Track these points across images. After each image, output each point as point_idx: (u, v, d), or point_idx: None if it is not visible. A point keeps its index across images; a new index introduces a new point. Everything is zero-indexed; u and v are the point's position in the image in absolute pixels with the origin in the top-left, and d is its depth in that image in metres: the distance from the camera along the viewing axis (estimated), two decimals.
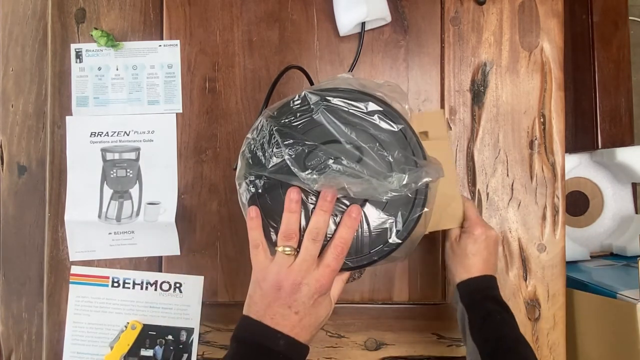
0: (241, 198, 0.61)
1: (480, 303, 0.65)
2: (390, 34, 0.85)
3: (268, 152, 0.60)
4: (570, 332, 0.97)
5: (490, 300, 0.66)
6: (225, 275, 0.84)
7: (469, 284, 0.67)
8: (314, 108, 0.60)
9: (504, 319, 0.65)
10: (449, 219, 0.71)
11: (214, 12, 0.86)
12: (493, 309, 0.65)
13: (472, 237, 0.68)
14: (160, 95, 0.85)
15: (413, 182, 0.57)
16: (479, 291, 0.67)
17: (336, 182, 0.57)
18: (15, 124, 0.91)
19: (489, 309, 0.65)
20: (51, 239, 0.85)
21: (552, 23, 0.85)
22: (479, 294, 0.66)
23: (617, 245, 1.21)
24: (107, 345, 0.84)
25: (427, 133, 0.71)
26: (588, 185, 1.26)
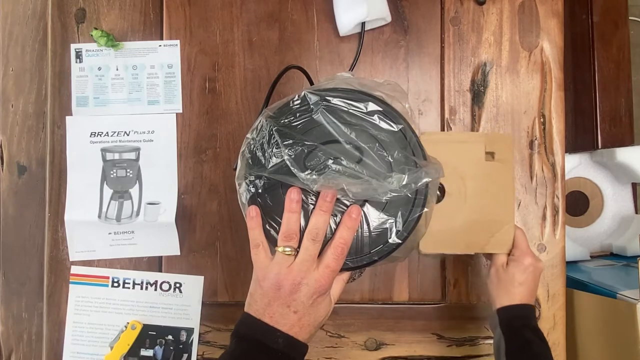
0: (241, 198, 0.61)
1: (519, 331, 0.66)
2: (390, 34, 0.85)
3: (268, 152, 0.60)
4: (570, 332, 0.97)
5: (529, 330, 0.66)
6: (225, 275, 0.84)
7: (509, 311, 0.67)
8: (313, 108, 0.60)
9: (543, 351, 0.65)
10: (498, 244, 0.70)
11: (214, 12, 0.86)
12: (532, 340, 0.65)
13: (522, 266, 0.68)
14: (160, 95, 0.85)
15: (413, 183, 0.57)
16: (519, 319, 0.67)
17: (336, 183, 0.57)
18: (15, 124, 0.91)
19: (528, 339, 0.65)
20: (51, 239, 0.85)
21: (552, 23, 0.85)
22: (518, 321, 0.66)
23: (617, 245, 1.21)
24: (107, 345, 0.84)
25: (494, 154, 0.72)
26: (588, 185, 1.26)
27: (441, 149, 0.68)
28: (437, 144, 0.69)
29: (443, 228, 0.70)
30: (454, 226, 0.70)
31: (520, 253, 0.69)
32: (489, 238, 0.70)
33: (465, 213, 0.70)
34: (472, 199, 0.70)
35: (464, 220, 0.70)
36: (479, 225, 0.70)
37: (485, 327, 0.83)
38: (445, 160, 0.66)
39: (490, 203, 0.71)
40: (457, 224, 0.70)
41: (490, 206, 0.71)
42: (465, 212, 0.70)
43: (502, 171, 0.72)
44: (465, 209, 0.70)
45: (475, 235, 0.70)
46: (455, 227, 0.70)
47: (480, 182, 0.70)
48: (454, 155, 0.70)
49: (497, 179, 0.71)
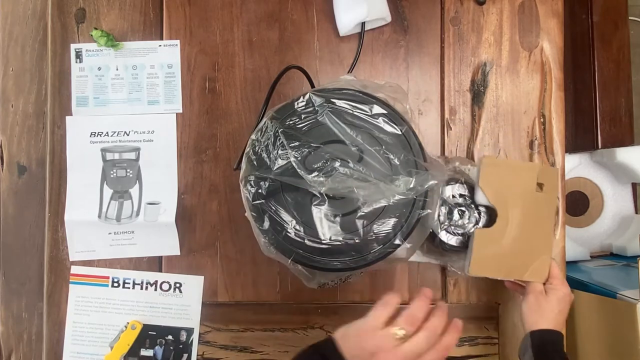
0: (246, 198, 0.61)
1: (550, 355, 0.68)
2: (390, 34, 0.85)
3: (273, 153, 0.60)
4: (570, 332, 0.97)
5: (559, 354, 0.69)
6: (225, 275, 0.84)
7: (544, 335, 0.69)
8: (318, 110, 0.61)
9: None
10: (536, 273, 0.73)
11: (214, 12, 0.86)
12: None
13: (560, 294, 0.71)
14: (160, 95, 0.85)
15: (419, 186, 0.58)
16: (552, 344, 0.69)
17: (344, 185, 0.57)
18: (15, 124, 0.90)
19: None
20: (51, 239, 0.85)
21: (552, 23, 0.84)
22: (551, 346, 0.69)
23: (617, 245, 1.21)
24: (107, 345, 0.84)
25: (542, 186, 0.73)
26: (588, 185, 1.26)
27: (500, 173, 0.71)
28: (497, 168, 0.72)
29: (491, 252, 0.71)
30: (500, 251, 0.71)
31: (558, 282, 0.73)
32: (528, 266, 0.72)
33: (510, 239, 0.71)
34: (517, 227, 0.71)
35: (509, 246, 0.71)
36: (521, 253, 0.72)
37: (485, 327, 0.83)
38: (502, 185, 0.71)
39: (532, 233, 0.72)
40: (502, 250, 0.71)
41: (532, 236, 0.73)
42: (510, 238, 0.71)
43: (547, 203, 0.74)
44: (510, 236, 0.71)
45: (516, 262, 0.72)
46: (501, 252, 0.71)
47: (527, 211, 0.72)
48: (510, 182, 0.72)
49: (542, 210, 0.73)
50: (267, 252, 0.64)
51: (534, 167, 0.74)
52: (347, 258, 0.60)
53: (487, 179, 0.71)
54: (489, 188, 0.71)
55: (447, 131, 0.84)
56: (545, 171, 0.74)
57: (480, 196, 0.71)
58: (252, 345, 0.84)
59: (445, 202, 0.72)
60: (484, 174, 0.71)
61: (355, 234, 0.60)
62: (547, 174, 0.74)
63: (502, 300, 0.83)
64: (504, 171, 0.72)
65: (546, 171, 0.75)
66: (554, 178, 0.75)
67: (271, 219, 0.61)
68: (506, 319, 0.82)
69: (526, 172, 0.73)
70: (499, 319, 0.83)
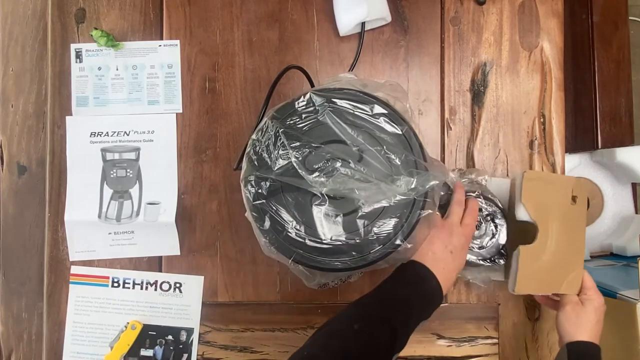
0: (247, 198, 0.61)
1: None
2: (390, 34, 0.85)
3: (274, 153, 0.60)
4: None
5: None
6: (225, 275, 0.84)
7: (582, 347, 0.69)
8: (319, 109, 0.60)
9: None
10: (571, 286, 0.73)
11: (214, 12, 0.86)
12: None
13: (595, 305, 0.71)
14: (160, 95, 0.85)
15: (420, 186, 0.58)
16: (590, 356, 0.69)
17: (345, 186, 0.57)
18: (15, 124, 0.90)
19: None
20: (51, 239, 0.85)
21: (552, 23, 0.84)
22: (589, 358, 0.69)
23: (617, 245, 1.21)
24: (107, 345, 0.84)
25: (576, 198, 0.74)
26: (588, 185, 1.26)
27: (540, 188, 0.71)
28: (538, 182, 0.72)
29: (534, 269, 0.71)
30: (541, 267, 0.71)
31: (593, 293, 0.73)
32: (564, 279, 0.72)
33: (548, 254, 0.71)
34: (555, 241, 0.71)
35: (547, 261, 0.71)
36: (558, 266, 0.72)
37: (485, 327, 0.83)
38: (542, 200, 0.71)
39: (568, 246, 0.73)
40: (544, 265, 0.71)
41: (568, 249, 0.73)
42: (549, 253, 0.71)
43: (580, 215, 0.74)
44: (549, 251, 0.71)
45: (554, 276, 0.72)
46: (542, 268, 0.71)
47: (564, 224, 0.72)
48: (549, 196, 0.72)
49: (576, 223, 0.74)
50: (268, 252, 0.64)
51: (570, 180, 0.74)
52: (348, 258, 0.60)
53: (529, 194, 0.71)
54: (530, 203, 0.71)
55: (447, 131, 0.84)
56: (580, 183, 0.75)
57: (521, 212, 0.71)
58: (252, 345, 0.84)
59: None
60: (526, 189, 0.70)
61: (356, 234, 0.60)
62: (579, 187, 0.74)
63: (502, 300, 0.83)
64: (544, 185, 0.72)
65: (579, 183, 0.75)
66: (584, 190, 0.76)
67: (272, 219, 0.61)
68: (506, 318, 0.82)
69: (563, 185, 0.73)
70: (499, 319, 0.83)
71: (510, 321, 0.82)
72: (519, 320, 0.82)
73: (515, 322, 0.82)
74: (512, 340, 0.82)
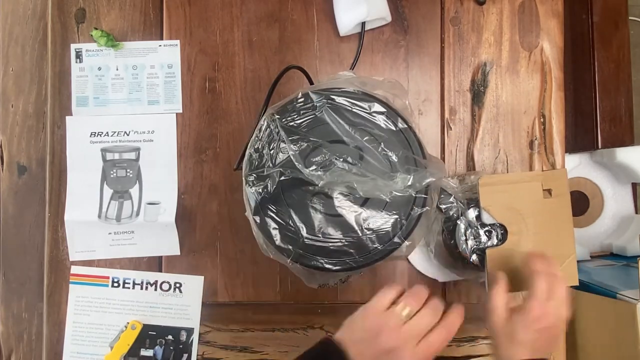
0: (247, 197, 0.61)
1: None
2: (390, 34, 0.85)
3: (274, 150, 0.60)
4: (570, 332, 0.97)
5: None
6: (225, 275, 0.84)
7: None
8: (317, 106, 0.61)
9: None
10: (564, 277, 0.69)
11: (214, 12, 0.86)
12: None
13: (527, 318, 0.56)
14: (160, 95, 0.85)
15: (417, 183, 0.58)
16: None
17: (342, 180, 0.57)
18: (15, 124, 0.90)
19: None
20: (51, 239, 0.85)
21: (552, 23, 0.85)
22: None
23: (617, 245, 1.21)
24: (107, 345, 0.84)
25: (551, 191, 0.73)
26: (588, 185, 1.26)
27: (501, 191, 0.71)
28: (496, 187, 0.71)
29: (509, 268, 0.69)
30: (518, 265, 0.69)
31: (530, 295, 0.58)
32: None
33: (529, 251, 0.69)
34: (534, 237, 0.71)
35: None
36: None
37: (485, 327, 0.83)
38: (506, 202, 0.70)
39: (551, 238, 0.72)
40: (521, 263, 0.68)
41: (552, 241, 0.72)
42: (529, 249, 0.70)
43: (560, 206, 0.73)
44: (528, 247, 0.70)
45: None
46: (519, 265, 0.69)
47: (540, 219, 0.71)
48: (513, 197, 0.71)
49: (556, 214, 0.73)
50: (267, 252, 0.64)
51: (536, 176, 0.74)
52: (348, 257, 0.60)
53: (488, 199, 0.71)
54: (492, 207, 0.71)
55: (447, 131, 0.84)
56: (550, 176, 0.74)
57: (485, 217, 0.71)
58: (252, 345, 0.84)
59: (471, 224, 0.72)
60: (483, 195, 0.71)
61: (355, 233, 0.60)
62: (553, 178, 0.74)
63: None
64: (504, 187, 0.72)
65: (552, 175, 0.74)
66: (561, 180, 0.74)
67: (271, 219, 0.61)
68: None
69: (529, 183, 0.73)
70: None
71: None
72: None
73: None
74: None
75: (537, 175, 0.74)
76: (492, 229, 0.72)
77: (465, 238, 0.71)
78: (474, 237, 0.71)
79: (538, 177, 0.73)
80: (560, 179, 0.74)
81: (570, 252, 0.72)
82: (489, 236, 0.71)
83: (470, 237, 0.71)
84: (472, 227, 0.72)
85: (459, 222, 0.71)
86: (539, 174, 0.74)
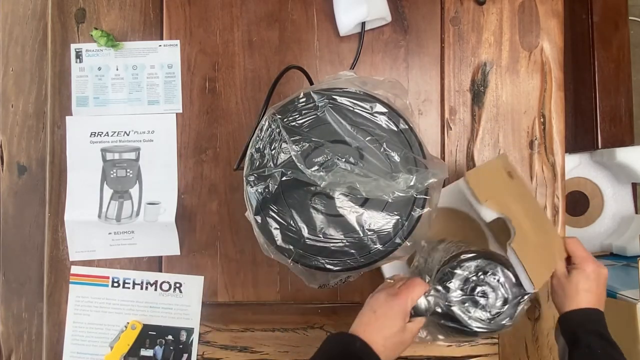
0: (248, 197, 0.61)
1: (584, 338, 0.61)
2: (390, 34, 0.85)
3: (276, 150, 0.60)
4: None
5: (595, 335, 0.62)
6: (225, 275, 0.84)
7: (571, 317, 0.64)
8: (319, 107, 0.61)
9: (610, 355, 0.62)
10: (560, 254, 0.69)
11: (214, 12, 0.86)
12: (598, 345, 0.61)
13: (584, 273, 0.66)
14: (160, 95, 0.85)
15: (419, 183, 0.58)
16: (582, 324, 0.63)
17: (344, 180, 0.57)
18: (15, 124, 0.90)
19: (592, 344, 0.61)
20: (51, 239, 0.85)
21: (552, 23, 0.85)
22: (582, 327, 0.63)
23: (617, 245, 1.21)
24: (107, 345, 0.84)
25: (511, 174, 0.71)
26: (588, 185, 1.26)
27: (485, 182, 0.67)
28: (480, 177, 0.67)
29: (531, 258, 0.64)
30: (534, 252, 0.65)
31: (580, 260, 0.67)
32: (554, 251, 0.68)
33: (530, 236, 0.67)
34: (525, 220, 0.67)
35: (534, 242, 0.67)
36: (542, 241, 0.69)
37: None
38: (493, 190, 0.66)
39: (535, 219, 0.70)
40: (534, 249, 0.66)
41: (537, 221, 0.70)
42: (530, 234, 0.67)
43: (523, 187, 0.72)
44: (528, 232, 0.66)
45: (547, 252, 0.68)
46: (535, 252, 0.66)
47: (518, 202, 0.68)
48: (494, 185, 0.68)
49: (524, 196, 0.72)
50: (267, 252, 0.64)
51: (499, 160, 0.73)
52: (348, 258, 0.60)
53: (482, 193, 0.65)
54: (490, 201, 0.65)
55: (447, 131, 0.84)
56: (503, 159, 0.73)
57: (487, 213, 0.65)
58: (252, 345, 0.84)
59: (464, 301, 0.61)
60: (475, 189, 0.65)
61: (356, 233, 0.60)
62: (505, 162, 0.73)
63: None
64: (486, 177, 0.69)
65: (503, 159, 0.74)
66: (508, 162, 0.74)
67: (273, 219, 0.61)
68: None
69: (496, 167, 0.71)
70: None
71: None
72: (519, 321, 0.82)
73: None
74: (512, 340, 0.82)
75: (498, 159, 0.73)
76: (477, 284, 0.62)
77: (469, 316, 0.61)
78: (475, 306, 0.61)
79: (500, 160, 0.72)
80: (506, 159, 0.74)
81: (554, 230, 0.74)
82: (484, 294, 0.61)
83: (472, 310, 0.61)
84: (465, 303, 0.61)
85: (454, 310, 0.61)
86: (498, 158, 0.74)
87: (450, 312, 0.59)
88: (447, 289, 0.60)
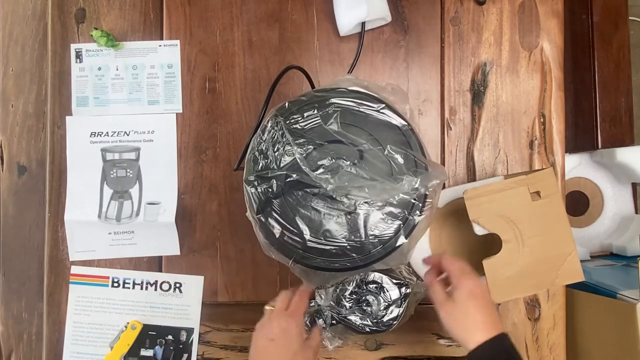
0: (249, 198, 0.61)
1: None
2: (390, 34, 0.85)
3: (279, 151, 0.60)
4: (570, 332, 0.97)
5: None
6: (225, 275, 0.84)
7: (479, 356, 0.59)
8: (321, 108, 0.61)
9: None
10: (569, 275, 0.71)
11: (214, 12, 0.86)
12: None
13: (467, 291, 0.61)
14: (160, 95, 0.85)
15: (423, 185, 0.58)
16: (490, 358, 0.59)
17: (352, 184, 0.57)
18: (15, 124, 0.90)
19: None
20: (51, 239, 0.85)
21: (552, 23, 0.84)
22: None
23: (617, 245, 1.21)
24: (107, 345, 0.84)
25: (540, 192, 0.72)
26: (588, 185, 1.26)
27: (488, 202, 0.71)
28: (482, 198, 0.71)
29: (508, 275, 0.71)
30: (518, 270, 0.71)
31: (459, 276, 0.62)
32: (557, 272, 0.71)
33: (526, 256, 0.71)
34: (529, 241, 0.71)
35: (527, 262, 0.71)
36: (544, 262, 0.71)
37: None
38: (494, 211, 0.70)
39: (549, 239, 0.72)
40: (521, 268, 0.71)
41: (550, 241, 0.72)
42: (526, 254, 0.71)
43: (552, 206, 0.72)
44: (525, 252, 0.71)
45: (542, 273, 0.71)
46: (520, 271, 0.71)
47: (533, 222, 0.71)
48: (502, 205, 0.71)
49: (549, 215, 0.72)
50: (268, 252, 0.64)
51: (521, 181, 0.73)
52: (348, 258, 0.60)
53: (476, 211, 0.71)
54: (481, 219, 0.71)
55: (447, 131, 0.84)
56: (537, 177, 0.73)
57: (477, 228, 0.71)
58: None
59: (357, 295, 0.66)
60: (470, 207, 0.71)
61: (357, 234, 0.60)
62: (539, 180, 0.73)
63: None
64: (490, 197, 0.72)
65: (538, 177, 0.73)
66: (549, 179, 0.74)
67: (273, 219, 0.61)
68: (506, 318, 0.82)
69: (515, 189, 0.72)
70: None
71: (510, 321, 0.82)
72: (519, 320, 0.82)
73: (515, 322, 0.82)
74: (512, 340, 0.82)
75: (521, 180, 0.73)
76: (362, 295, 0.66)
77: (361, 323, 0.66)
78: (363, 312, 0.66)
79: (523, 182, 0.72)
80: (546, 179, 0.73)
81: (571, 249, 0.72)
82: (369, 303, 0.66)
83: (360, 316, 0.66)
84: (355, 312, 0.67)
85: (350, 319, 0.66)
86: (522, 179, 0.73)
87: (345, 321, 0.66)
88: (340, 304, 0.66)
